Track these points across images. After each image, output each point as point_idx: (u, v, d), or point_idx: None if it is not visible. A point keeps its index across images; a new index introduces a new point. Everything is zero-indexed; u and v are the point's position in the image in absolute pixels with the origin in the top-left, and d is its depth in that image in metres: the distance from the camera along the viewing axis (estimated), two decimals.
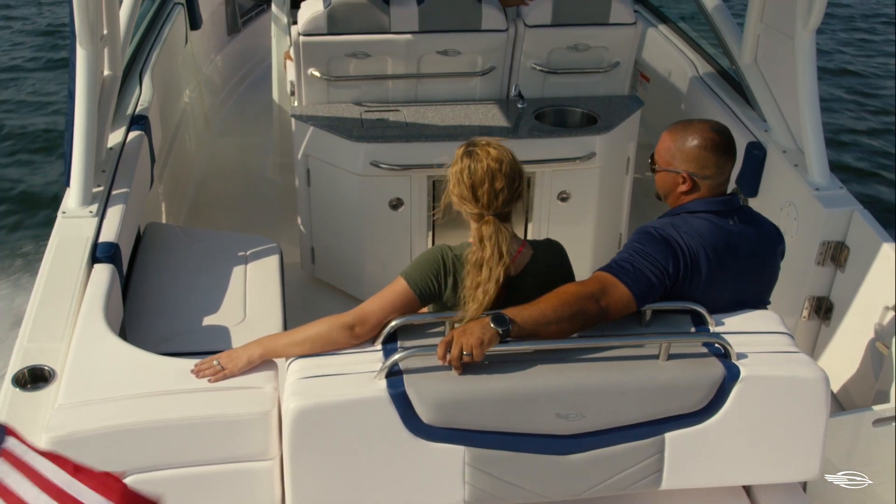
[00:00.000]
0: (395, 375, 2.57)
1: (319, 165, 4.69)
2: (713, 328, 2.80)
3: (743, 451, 2.74)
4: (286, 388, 2.60)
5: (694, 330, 2.81)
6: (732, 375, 2.65)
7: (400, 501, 2.68)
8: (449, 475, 2.61)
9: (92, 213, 3.66)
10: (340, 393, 2.54)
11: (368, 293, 2.86)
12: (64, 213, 3.67)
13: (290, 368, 2.68)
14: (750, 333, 2.80)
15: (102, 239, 3.54)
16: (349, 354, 2.70)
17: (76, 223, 3.61)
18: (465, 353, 2.52)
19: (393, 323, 2.72)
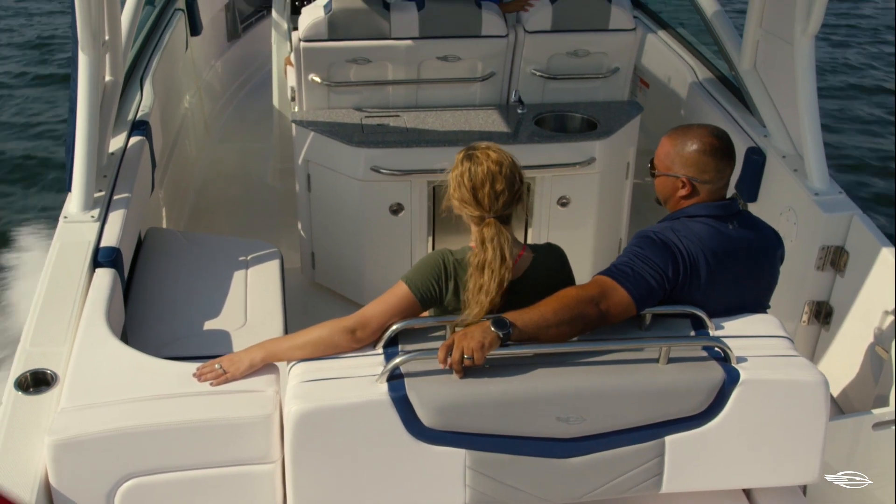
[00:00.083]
0: (396, 379, 2.58)
1: (320, 170, 4.70)
2: (713, 332, 2.80)
3: (743, 454, 2.74)
4: (288, 391, 2.60)
5: (694, 334, 2.81)
6: (732, 379, 2.66)
7: None
8: (450, 478, 2.62)
9: (93, 217, 3.67)
10: (342, 396, 2.54)
11: (369, 298, 2.87)
12: (66, 217, 3.68)
13: (291, 372, 2.69)
14: (749, 337, 2.81)
15: (104, 244, 3.55)
16: (350, 358, 2.70)
17: (78, 228, 3.62)
18: (465, 356, 2.53)
19: (394, 327, 2.72)
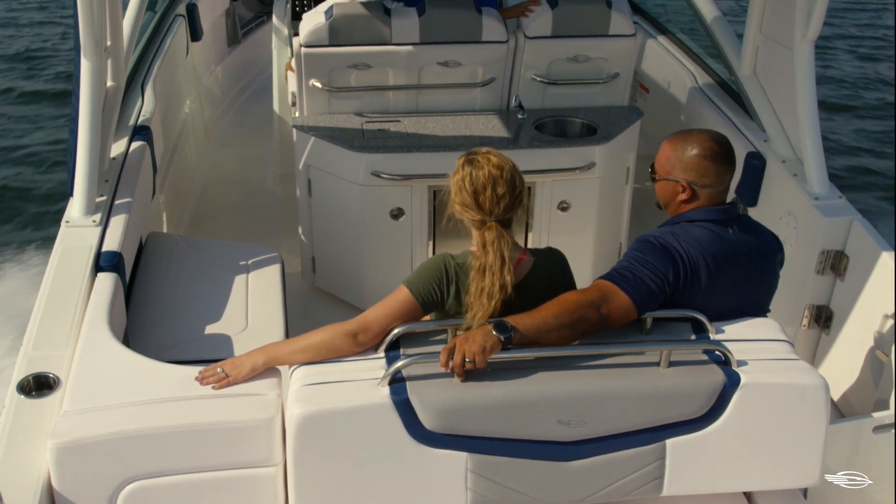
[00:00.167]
0: (398, 382, 2.58)
1: (321, 175, 4.71)
2: (713, 336, 2.81)
3: (744, 457, 2.75)
4: (290, 394, 2.61)
5: (694, 337, 2.82)
6: (733, 382, 2.66)
7: None
8: (451, 481, 2.62)
9: (95, 222, 3.67)
10: (344, 400, 2.55)
11: (369, 303, 2.87)
12: (67, 222, 3.69)
13: (293, 375, 2.69)
14: (750, 341, 2.81)
15: (105, 248, 3.55)
16: (352, 362, 2.71)
17: (79, 232, 3.62)
18: (467, 360, 2.54)
19: (396, 331, 2.73)
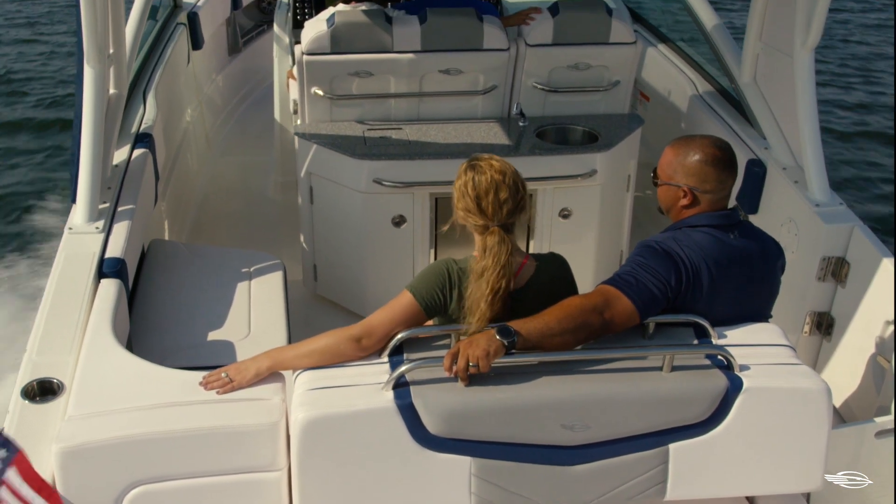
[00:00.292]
0: (402, 387, 2.59)
1: (322, 183, 4.71)
2: (715, 341, 2.82)
3: (746, 461, 2.75)
4: (294, 399, 2.61)
5: (697, 342, 2.83)
6: (735, 387, 2.67)
7: None
8: (455, 485, 2.62)
9: (98, 229, 3.68)
10: (348, 404, 2.55)
11: (371, 310, 2.88)
12: (70, 228, 3.69)
13: (297, 380, 2.70)
14: (752, 346, 2.82)
15: (109, 254, 3.56)
16: (356, 366, 2.71)
17: (83, 239, 3.63)
18: (471, 364, 2.54)
19: (399, 335, 2.74)
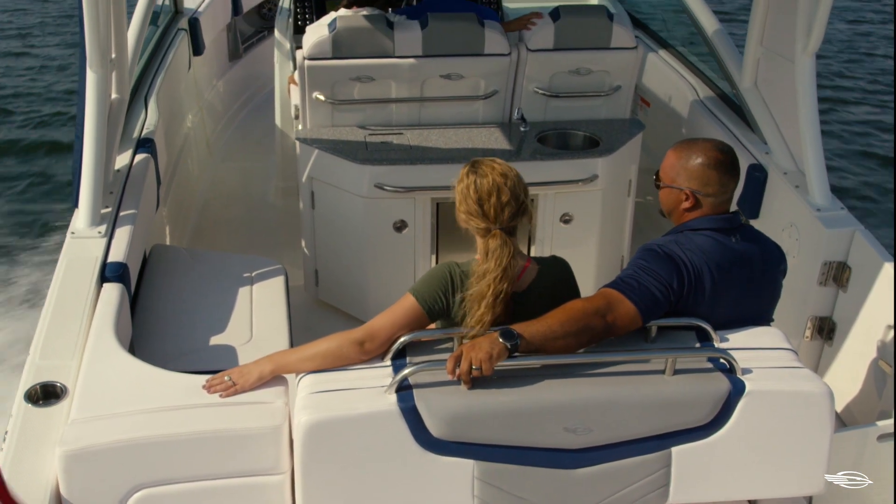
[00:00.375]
0: (405, 390, 2.59)
1: (324, 188, 4.72)
2: (718, 344, 2.82)
3: (748, 465, 2.76)
4: (297, 402, 2.61)
5: (699, 345, 2.83)
6: (738, 390, 2.67)
7: None
8: (458, 489, 2.63)
9: (100, 233, 3.69)
10: (351, 407, 2.56)
11: (372, 315, 2.88)
12: (73, 233, 3.70)
13: (300, 384, 2.70)
14: (754, 349, 2.83)
15: (111, 259, 3.56)
16: (359, 370, 2.72)
17: (85, 243, 3.63)
18: (474, 367, 2.55)
19: (402, 338, 2.74)
